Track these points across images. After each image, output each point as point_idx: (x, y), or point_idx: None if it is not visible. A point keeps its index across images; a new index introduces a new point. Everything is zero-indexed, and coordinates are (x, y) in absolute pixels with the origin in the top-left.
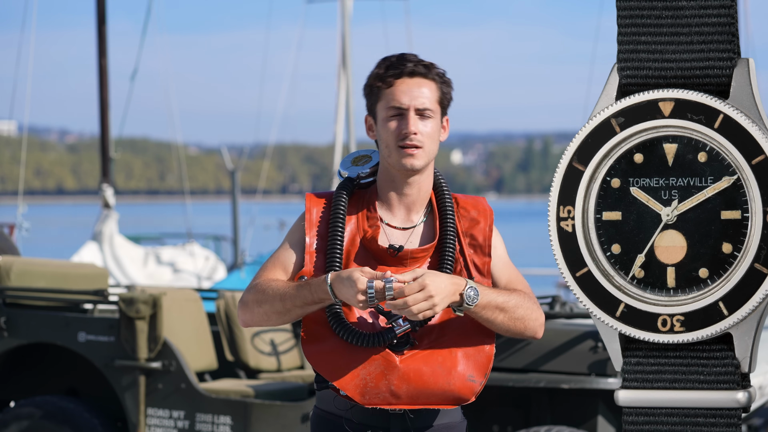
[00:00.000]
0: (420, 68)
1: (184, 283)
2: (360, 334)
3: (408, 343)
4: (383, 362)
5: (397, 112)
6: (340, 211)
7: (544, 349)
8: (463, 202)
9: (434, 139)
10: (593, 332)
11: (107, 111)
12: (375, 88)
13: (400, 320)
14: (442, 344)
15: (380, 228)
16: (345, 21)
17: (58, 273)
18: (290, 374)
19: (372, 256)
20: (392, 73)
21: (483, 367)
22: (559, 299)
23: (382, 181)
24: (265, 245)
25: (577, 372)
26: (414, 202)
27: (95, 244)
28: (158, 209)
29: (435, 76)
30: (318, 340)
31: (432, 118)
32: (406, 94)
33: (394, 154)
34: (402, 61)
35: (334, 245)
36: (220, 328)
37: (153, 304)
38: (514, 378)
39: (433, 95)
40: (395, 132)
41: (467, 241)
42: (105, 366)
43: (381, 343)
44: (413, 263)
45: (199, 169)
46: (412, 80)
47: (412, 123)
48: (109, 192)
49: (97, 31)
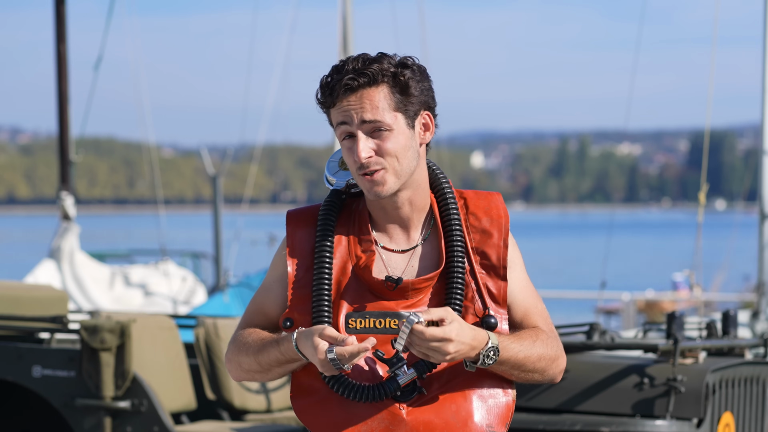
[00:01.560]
0: (358, 79)
1: (157, 308)
2: (358, 387)
3: (415, 392)
4: (387, 416)
5: (346, 133)
6: (328, 238)
7: (581, 386)
8: (473, 205)
9: (401, 154)
10: (638, 366)
11: (67, 106)
12: (324, 111)
13: (404, 367)
14: (454, 389)
15: (375, 254)
16: (346, 0)
17: (8, 296)
18: (281, 415)
19: (366, 288)
20: (330, 94)
21: (503, 416)
22: (598, 327)
23: (368, 201)
24: (252, 264)
25: (619, 413)
26: (410, 218)
27: (53, 263)
28: (127, 221)
29: (383, 78)
30: (309, 393)
31: (390, 130)
32: (348, 113)
33: (359, 182)
34: (337, 77)
35: (321, 281)
36: (199, 361)
37: (120, 332)
38: (545, 420)
39: (385, 102)
40: (351, 160)
41: (478, 260)
42: (64, 406)
43: (383, 397)
44: (416, 294)
45: (174, 175)
46: (354, 94)
47: (362, 147)
48: (69, 201)
49: (54, 12)
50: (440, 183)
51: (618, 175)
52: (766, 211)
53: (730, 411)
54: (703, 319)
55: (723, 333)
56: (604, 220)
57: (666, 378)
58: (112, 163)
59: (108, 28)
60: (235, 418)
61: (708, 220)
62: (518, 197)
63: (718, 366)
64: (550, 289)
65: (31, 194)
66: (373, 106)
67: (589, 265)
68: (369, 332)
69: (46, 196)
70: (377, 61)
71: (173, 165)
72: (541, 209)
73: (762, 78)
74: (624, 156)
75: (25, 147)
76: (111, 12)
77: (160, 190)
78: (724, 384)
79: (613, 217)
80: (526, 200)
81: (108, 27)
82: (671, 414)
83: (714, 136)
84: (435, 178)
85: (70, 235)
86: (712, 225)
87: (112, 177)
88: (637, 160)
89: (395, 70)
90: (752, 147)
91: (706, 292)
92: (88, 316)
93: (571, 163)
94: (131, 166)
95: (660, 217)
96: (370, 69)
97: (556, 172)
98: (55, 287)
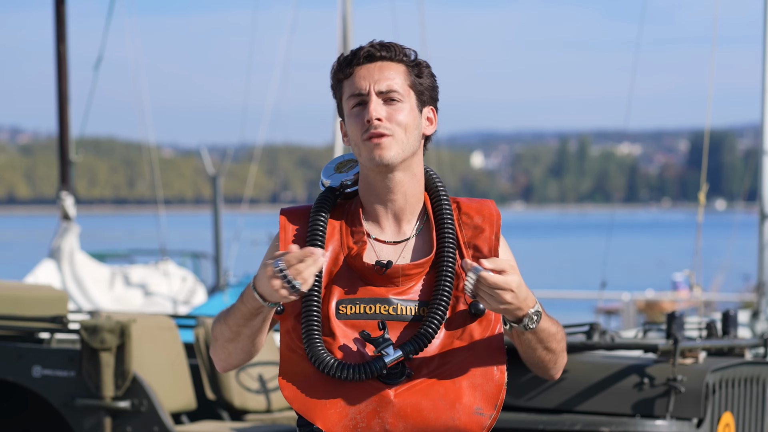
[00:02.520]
0: (380, 50)
1: (157, 308)
2: (344, 365)
3: (403, 375)
4: (375, 399)
5: (358, 100)
6: (319, 228)
7: (581, 386)
8: (466, 206)
9: (409, 128)
10: (638, 366)
11: (67, 106)
12: (336, 83)
13: (390, 348)
14: (443, 374)
15: (367, 244)
16: (346, 0)
17: (8, 296)
18: (281, 415)
19: (357, 276)
20: (349, 61)
21: (493, 397)
22: (598, 327)
23: (363, 190)
24: (252, 264)
25: (619, 413)
26: (402, 210)
27: (53, 263)
28: (127, 221)
29: (402, 59)
30: (296, 374)
31: (402, 102)
32: (365, 79)
33: (362, 149)
34: (359, 48)
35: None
36: (199, 361)
37: (120, 332)
38: (545, 420)
39: (400, 77)
40: (359, 123)
41: (470, 253)
42: (64, 406)
43: (369, 375)
44: (406, 281)
45: (174, 175)
46: (373, 64)
47: (373, 108)
48: (69, 201)
49: (54, 12)
50: (434, 183)
51: (618, 175)
52: (766, 211)
53: (730, 411)
54: (703, 319)
55: (723, 333)
56: (604, 220)
57: (666, 378)
58: (112, 163)
59: (108, 28)
60: (235, 418)
61: (708, 220)
62: (518, 197)
63: (718, 366)
64: (550, 289)
65: (31, 194)
66: (390, 77)
67: (589, 265)
68: (360, 318)
69: (46, 196)
70: (398, 45)
71: (173, 165)
72: (541, 209)
73: (762, 78)
74: (624, 156)
75: (25, 147)
76: (111, 12)
77: (160, 190)
78: (724, 384)
79: (613, 217)
80: (526, 200)
81: (108, 27)
82: (671, 414)
83: (714, 136)
84: (430, 179)
85: (70, 235)
86: (712, 225)
87: (112, 177)
88: (637, 160)
89: (415, 55)
90: (752, 147)
91: (706, 292)
92: (88, 316)
93: (571, 163)
94: (131, 166)
95: (660, 217)
96: (393, 46)
97: (556, 172)
98: (55, 287)
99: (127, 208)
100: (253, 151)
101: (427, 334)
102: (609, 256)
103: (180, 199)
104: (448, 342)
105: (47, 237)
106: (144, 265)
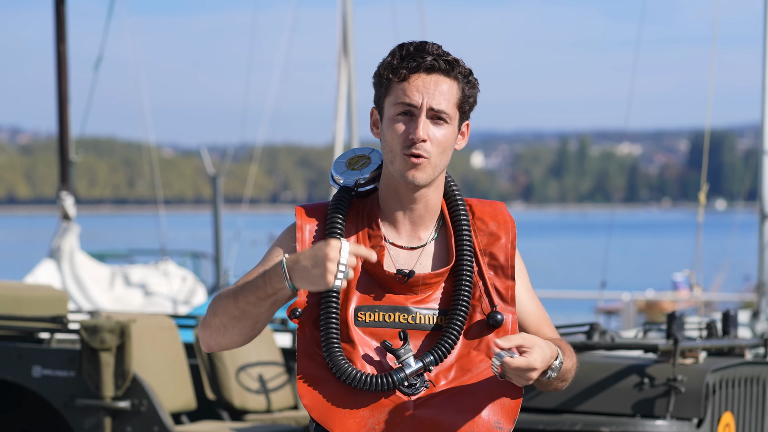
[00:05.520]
0: (441, 63)
1: (157, 308)
2: (365, 376)
3: (422, 385)
4: (394, 409)
5: (406, 110)
6: (337, 230)
7: (581, 387)
8: (479, 210)
9: (446, 150)
10: (638, 366)
11: (66, 106)
12: (385, 79)
13: (411, 359)
14: (461, 385)
15: (385, 249)
16: (346, 0)
17: (8, 296)
18: (282, 415)
19: (377, 283)
20: (407, 65)
21: (512, 411)
22: (598, 327)
23: (384, 192)
24: (252, 264)
25: (619, 413)
26: (422, 218)
27: (53, 262)
28: (126, 221)
29: (458, 75)
30: (315, 381)
31: (447, 124)
32: (420, 92)
33: (398, 162)
34: (421, 52)
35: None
36: (199, 361)
37: (120, 332)
38: (545, 420)
39: (453, 97)
40: (402, 135)
41: (486, 261)
42: (64, 406)
43: (389, 387)
44: (425, 290)
45: (174, 175)
46: (430, 77)
47: (422, 127)
48: (69, 201)
49: (54, 12)
50: (452, 189)
51: (618, 175)
52: (766, 211)
53: (730, 411)
54: (703, 319)
55: (723, 333)
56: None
57: (666, 378)
58: (112, 163)
59: (108, 28)
60: (235, 418)
61: (708, 220)
62: (518, 197)
63: (718, 366)
64: (550, 289)
65: (31, 194)
66: (444, 96)
67: (589, 265)
68: (378, 326)
69: (46, 196)
70: (456, 58)
71: (173, 165)
72: (541, 209)
73: (762, 78)
74: (624, 156)
75: (25, 147)
76: (111, 12)
77: (160, 190)
78: (724, 384)
79: (613, 217)
80: (526, 200)
81: (108, 27)
82: (671, 414)
83: (714, 136)
84: (447, 185)
85: (70, 235)
86: (712, 225)
87: (112, 177)
88: (637, 160)
89: (467, 72)
90: (752, 147)
91: (706, 292)
92: (88, 316)
93: (571, 163)
94: (131, 166)
95: (660, 217)
96: (453, 61)
97: (556, 172)
98: (55, 287)
99: (127, 208)
100: (253, 151)
101: (447, 345)
102: (609, 256)
103: (180, 199)
104: (465, 352)
105: (47, 237)
106: (144, 265)
